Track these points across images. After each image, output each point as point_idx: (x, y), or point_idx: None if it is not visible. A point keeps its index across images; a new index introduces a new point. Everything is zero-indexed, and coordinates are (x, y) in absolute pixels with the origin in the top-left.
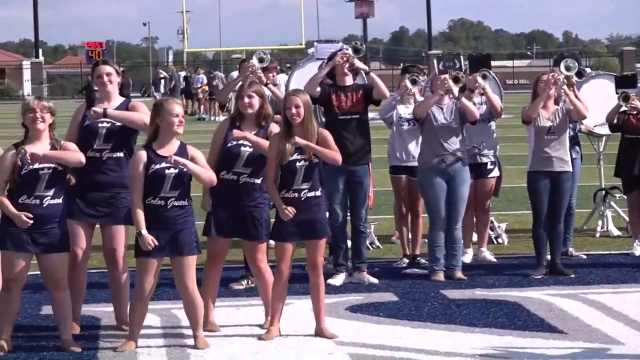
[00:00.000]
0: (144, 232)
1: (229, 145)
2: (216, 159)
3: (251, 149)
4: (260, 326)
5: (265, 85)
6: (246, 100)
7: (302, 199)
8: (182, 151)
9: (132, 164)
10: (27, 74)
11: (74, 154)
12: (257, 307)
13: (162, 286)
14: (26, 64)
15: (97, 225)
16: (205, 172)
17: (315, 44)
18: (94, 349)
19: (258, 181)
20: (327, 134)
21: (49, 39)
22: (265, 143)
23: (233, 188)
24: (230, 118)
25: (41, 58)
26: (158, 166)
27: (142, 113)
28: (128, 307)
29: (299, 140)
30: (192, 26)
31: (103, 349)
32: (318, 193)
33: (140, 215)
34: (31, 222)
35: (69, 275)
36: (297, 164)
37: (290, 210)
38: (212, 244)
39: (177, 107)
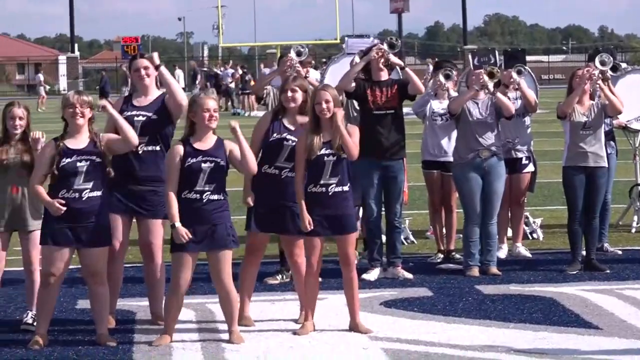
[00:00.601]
0: (178, 224)
1: (272, 139)
2: (256, 153)
3: (294, 143)
4: (295, 321)
5: (304, 78)
6: (289, 94)
7: (330, 193)
8: (219, 145)
9: (168, 156)
10: (62, 69)
11: (130, 130)
12: (292, 302)
13: (197, 281)
14: (62, 58)
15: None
16: (252, 157)
17: (346, 38)
18: (129, 343)
19: None
20: (355, 130)
21: (85, 34)
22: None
23: (274, 182)
24: (273, 111)
25: (77, 53)
26: (194, 160)
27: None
28: (163, 302)
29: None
30: (227, 21)
31: (138, 343)
32: (346, 188)
33: (174, 207)
34: (64, 208)
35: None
36: (325, 158)
37: (309, 224)
38: (252, 239)
39: (209, 102)
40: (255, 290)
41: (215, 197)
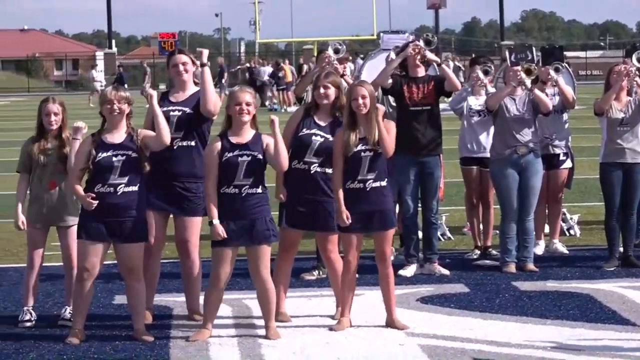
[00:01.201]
0: (215, 221)
1: (300, 134)
2: (288, 148)
3: (322, 139)
4: (332, 317)
5: (341, 76)
6: (322, 90)
7: (367, 189)
8: (256, 140)
9: (206, 152)
10: (100, 65)
11: (165, 129)
12: (328, 298)
13: (234, 276)
14: (99, 54)
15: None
16: (285, 154)
17: (381, 34)
18: (166, 339)
19: (329, 171)
20: (392, 126)
21: (122, 30)
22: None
23: (304, 178)
24: (304, 108)
25: (114, 49)
26: (231, 154)
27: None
28: (200, 297)
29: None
30: (264, 17)
31: (175, 338)
32: (383, 183)
33: (213, 204)
34: (95, 203)
35: (143, 264)
36: (362, 154)
37: (346, 217)
38: (284, 235)
39: (242, 95)
40: (291, 286)
41: (254, 190)
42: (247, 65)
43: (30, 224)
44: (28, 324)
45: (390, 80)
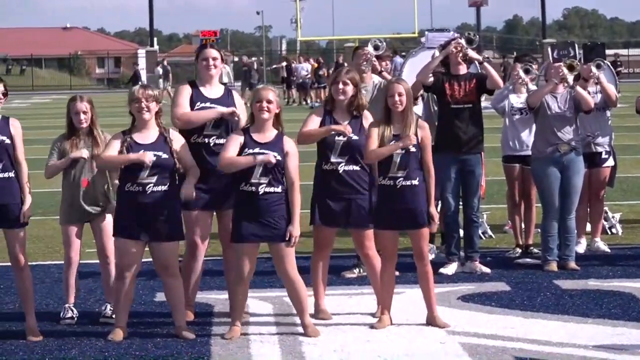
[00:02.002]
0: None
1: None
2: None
3: (345, 138)
4: (372, 315)
5: (380, 73)
6: (340, 86)
7: (398, 186)
8: (277, 140)
9: (231, 135)
10: (142, 63)
11: (196, 172)
12: (369, 296)
13: (275, 274)
14: (141, 52)
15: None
16: (298, 194)
17: (426, 32)
18: (207, 336)
19: (357, 168)
20: (426, 127)
21: (164, 28)
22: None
23: (333, 178)
24: (323, 104)
25: (156, 47)
26: (251, 151)
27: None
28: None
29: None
30: (305, 15)
31: (216, 335)
32: (415, 182)
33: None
34: (154, 158)
35: (188, 263)
36: (395, 151)
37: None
38: (318, 233)
39: (265, 93)
40: (332, 283)
41: (271, 189)
42: (284, 63)
43: (64, 222)
44: (69, 321)
45: (431, 78)
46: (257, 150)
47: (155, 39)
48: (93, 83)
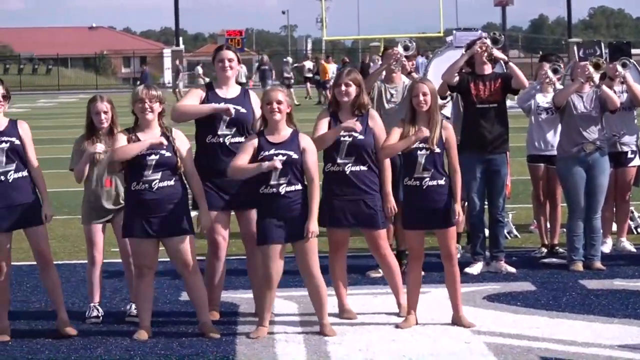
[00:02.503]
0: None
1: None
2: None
3: (351, 138)
4: (398, 314)
5: (409, 74)
6: (343, 88)
7: (424, 187)
8: (293, 138)
9: (245, 142)
10: (167, 62)
11: (200, 186)
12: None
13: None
14: (167, 52)
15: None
16: (317, 190)
17: (454, 32)
18: (233, 335)
19: (364, 168)
20: (450, 128)
21: (190, 27)
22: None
23: (340, 179)
24: (327, 107)
25: (181, 46)
26: (267, 153)
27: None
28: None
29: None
30: (330, 14)
31: (241, 334)
32: (441, 182)
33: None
34: (161, 141)
35: (210, 263)
36: (419, 152)
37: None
38: (331, 235)
39: (274, 94)
40: (357, 283)
41: (291, 188)
42: (305, 63)
43: (87, 222)
44: (95, 320)
45: (457, 78)
46: (272, 151)
47: (180, 39)
48: (119, 82)
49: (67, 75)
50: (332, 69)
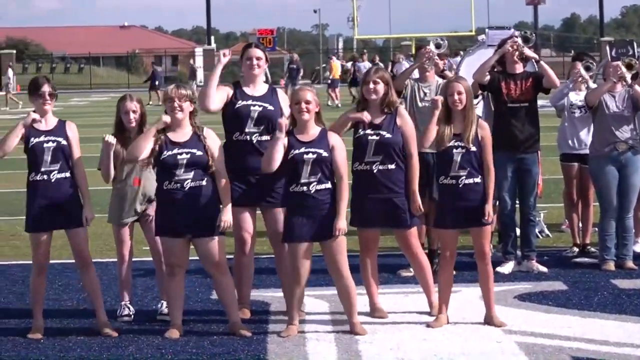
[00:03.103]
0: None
1: (357, 135)
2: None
3: (377, 137)
4: (429, 313)
5: (441, 72)
6: (371, 86)
7: (460, 185)
8: (322, 137)
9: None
10: (199, 61)
11: (227, 187)
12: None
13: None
14: (198, 50)
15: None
16: (346, 187)
17: (486, 30)
18: (264, 334)
19: (392, 167)
20: (487, 127)
21: (221, 26)
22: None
23: (368, 178)
24: (355, 105)
25: (213, 45)
26: (297, 151)
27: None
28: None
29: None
30: (362, 13)
31: (272, 333)
32: (477, 180)
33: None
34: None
35: (238, 260)
36: (455, 150)
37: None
38: (361, 234)
39: (302, 94)
40: (388, 282)
41: (321, 187)
42: (349, 63)
43: (115, 221)
44: (126, 318)
45: (488, 77)
46: (302, 149)
47: (212, 37)
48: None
49: (99, 74)
50: (339, 66)
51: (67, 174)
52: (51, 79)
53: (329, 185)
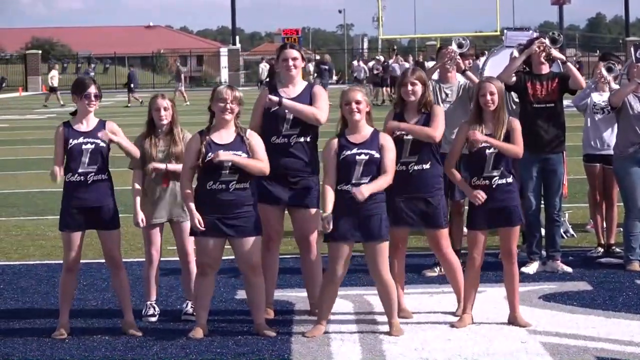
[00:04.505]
0: (326, 214)
1: (393, 136)
2: None
3: (412, 138)
4: (453, 313)
5: (463, 72)
6: (409, 87)
7: (493, 186)
8: (373, 138)
9: (324, 150)
10: (224, 61)
11: (258, 166)
12: (450, 294)
13: (356, 272)
14: (223, 51)
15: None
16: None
17: (505, 31)
18: (288, 334)
19: (427, 167)
20: (517, 125)
21: (246, 26)
22: (416, 128)
23: (404, 178)
24: (393, 106)
25: (238, 45)
26: (349, 152)
27: (321, 102)
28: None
29: (478, 137)
30: (387, 13)
31: (297, 333)
32: (510, 180)
33: (328, 199)
34: (202, 229)
35: (263, 256)
36: (487, 151)
37: (482, 196)
38: (391, 234)
39: (353, 94)
40: (413, 282)
41: None
42: (361, 64)
43: (146, 221)
44: (152, 318)
45: (514, 78)
46: (355, 150)
47: (237, 37)
48: (175, 81)
49: (124, 74)
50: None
51: (105, 176)
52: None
53: None
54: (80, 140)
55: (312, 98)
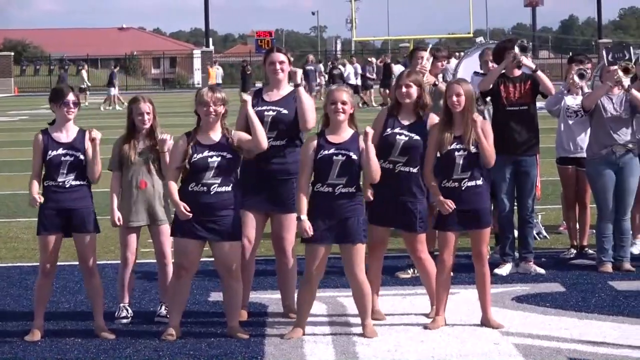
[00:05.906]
0: (303, 217)
1: (385, 134)
2: (375, 146)
3: (407, 138)
4: (426, 315)
5: (434, 85)
6: (404, 89)
7: (463, 188)
8: (353, 140)
9: (303, 149)
10: (197, 63)
11: (262, 135)
12: (423, 296)
13: (329, 274)
14: (197, 52)
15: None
16: (377, 165)
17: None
18: (261, 336)
19: (414, 170)
20: (489, 128)
21: (219, 28)
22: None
23: (389, 177)
24: (387, 108)
25: (211, 47)
26: (326, 152)
27: (304, 107)
28: (295, 295)
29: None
30: (360, 15)
31: (270, 335)
32: (479, 182)
33: (303, 200)
34: (189, 215)
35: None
36: (456, 153)
37: (450, 204)
38: (371, 233)
39: (339, 94)
40: (386, 284)
41: (348, 190)
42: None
43: (122, 223)
44: (124, 320)
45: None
46: (332, 150)
47: (210, 39)
48: (149, 83)
49: (97, 76)
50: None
51: (83, 182)
52: (49, 80)
53: (353, 189)
54: (60, 151)
55: (300, 99)
